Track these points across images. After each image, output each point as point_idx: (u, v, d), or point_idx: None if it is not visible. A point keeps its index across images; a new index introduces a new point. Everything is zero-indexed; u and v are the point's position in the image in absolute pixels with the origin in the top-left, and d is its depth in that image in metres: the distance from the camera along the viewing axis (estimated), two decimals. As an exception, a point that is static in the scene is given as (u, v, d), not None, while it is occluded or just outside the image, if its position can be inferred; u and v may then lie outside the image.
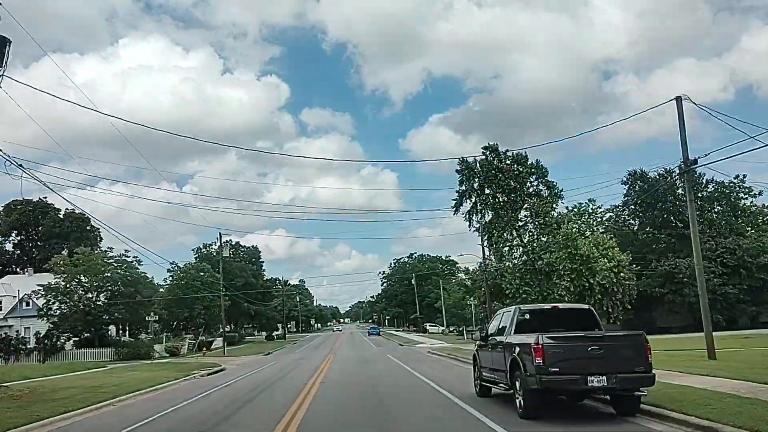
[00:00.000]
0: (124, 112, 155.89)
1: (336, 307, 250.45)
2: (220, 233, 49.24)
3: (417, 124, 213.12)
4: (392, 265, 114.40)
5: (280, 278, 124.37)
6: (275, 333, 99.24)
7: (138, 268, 50.28)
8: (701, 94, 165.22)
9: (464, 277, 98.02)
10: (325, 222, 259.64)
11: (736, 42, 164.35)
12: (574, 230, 48.35)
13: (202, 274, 60.64)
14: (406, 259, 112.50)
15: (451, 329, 75.41)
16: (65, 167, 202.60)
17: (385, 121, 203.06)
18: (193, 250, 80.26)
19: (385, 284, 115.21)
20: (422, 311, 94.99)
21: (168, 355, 51.22)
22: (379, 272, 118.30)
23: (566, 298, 45.31)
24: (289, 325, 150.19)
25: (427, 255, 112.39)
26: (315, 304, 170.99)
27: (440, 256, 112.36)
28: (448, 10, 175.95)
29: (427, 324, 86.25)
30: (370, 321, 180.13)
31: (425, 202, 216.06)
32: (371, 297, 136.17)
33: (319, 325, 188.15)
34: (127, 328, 67.59)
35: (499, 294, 52.12)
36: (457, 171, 54.25)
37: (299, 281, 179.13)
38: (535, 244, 49.51)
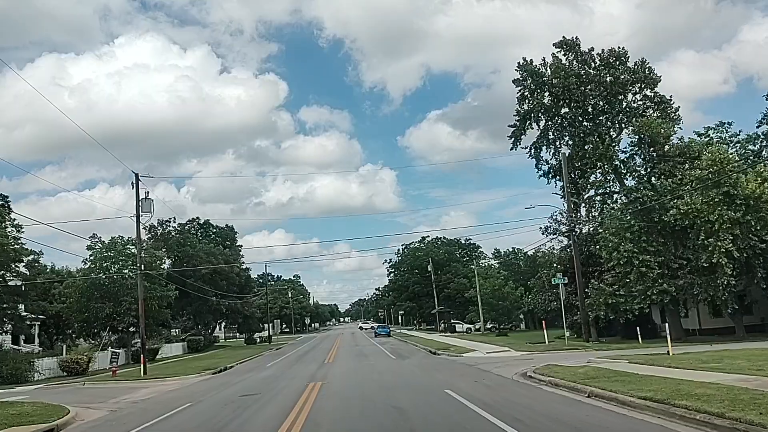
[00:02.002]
0: (121, 112, 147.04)
1: (335, 305, 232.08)
2: (136, 175, 29.70)
3: (415, 121, 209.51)
4: (400, 251, 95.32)
5: (268, 271, 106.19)
6: (259, 335, 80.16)
7: (7, 236, 31.10)
8: (702, 86, 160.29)
9: (492, 262, 79.36)
10: (325, 221, 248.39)
11: (736, 33, 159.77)
12: (729, 155, 29.23)
13: (133, 250, 41.49)
14: (418, 245, 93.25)
15: (488, 327, 56.17)
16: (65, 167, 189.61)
17: (384, 117, 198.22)
18: (145, 228, 61.03)
19: (392, 274, 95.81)
20: (440, 304, 76.03)
21: (66, 373, 32.24)
22: (385, 260, 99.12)
23: (727, 269, 26.35)
24: (283, 325, 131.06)
25: (443, 238, 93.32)
26: (311, 301, 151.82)
27: (458, 239, 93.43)
28: (446, 3, 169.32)
29: (452, 320, 66.90)
30: (372, 319, 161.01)
31: (424, 200, 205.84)
32: (376, 289, 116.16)
33: (317, 324, 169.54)
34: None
35: (591, 268, 33.22)
36: (515, 82, 35.06)
37: (293, 276, 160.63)
38: (652, 186, 30.30)
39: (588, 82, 33.51)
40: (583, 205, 34.13)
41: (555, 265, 36.74)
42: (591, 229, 32.41)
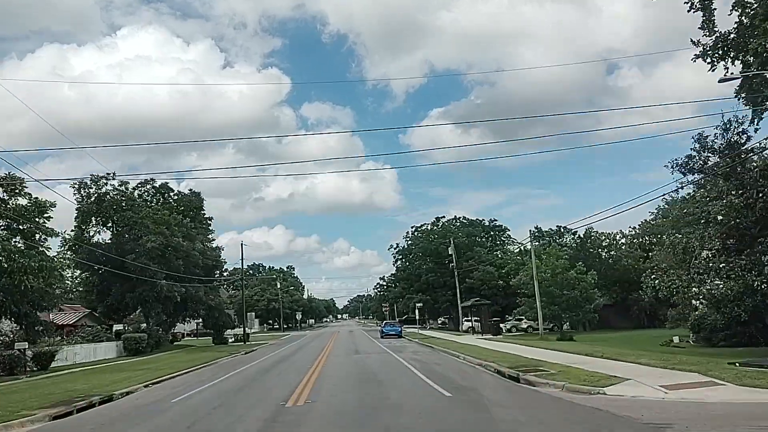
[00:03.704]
0: (121, 105, 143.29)
1: (332, 300, 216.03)
2: None
3: (417, 118, 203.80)
4: (410, 234, 78.99)
5: (260, 263, 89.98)
6: (233, 332, 64.02)
7: None
8: (706, 86, 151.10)
9: (527, 244, 63.06)
10: (324, 218, 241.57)
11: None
12: None
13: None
14: (431, 227, 76.95)
15: (536, 326, 39.74)
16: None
17: (386, 114, 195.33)
18: (73, 185, 44.83)
19: (400, 262, 79.51)
20: (461, 297, 59.94)
21: None
22: (391, 246, 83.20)
23: None
24: (272, 322, 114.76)
25: (463, 218, 77.00)
26: (305, 296, 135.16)
27: (481, 220, 77.03)
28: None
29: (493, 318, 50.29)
30: (372, 316, 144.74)
31: (424, 198, 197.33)
32: (380, 279, 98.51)
33: (312, 321, 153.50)
34: None
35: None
36: None
37: (287, 267, 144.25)
38: None
39: None
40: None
41: (721, 218, 20.46)
42: None
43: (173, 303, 46.73)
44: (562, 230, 57.34)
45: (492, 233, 76.70)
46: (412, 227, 79.61)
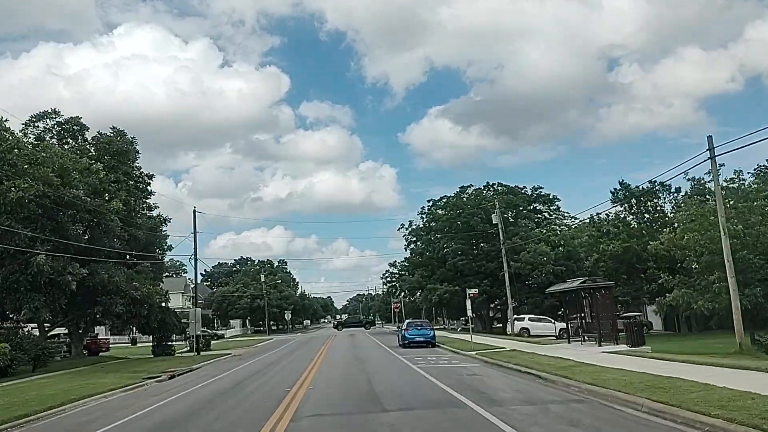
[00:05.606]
0: (118, 103, 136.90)
1: (330, 297, 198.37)
2: None
3: (417, 117, 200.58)
4: (426, 210, 60.67)
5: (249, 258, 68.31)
6: (193, 334, 45.83)
7: None
8: (707, 84, 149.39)
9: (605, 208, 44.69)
10: (323, 217, 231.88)
11: (746, 30, 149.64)
12: None
13: None
14: (455, 200, 58.61)
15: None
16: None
17: (386, 113, 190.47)
18: None
19: (414, 245, 60.97)
20: (511, 285, 42.10)
21: None
22: (402, 225, 64.77)
23: None
24: (261, 323, 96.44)
25: (498, 185, 58.74)
26: (298, 293, 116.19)
27: (522, 187, 58.67)
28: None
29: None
30: (372, 315, 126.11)
31: (423, 197, 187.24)
32: (390, 265, 75.98)
33: (308, 321, 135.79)
34: None
35: None
36: None
37: (279, 261, 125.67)
38: None
39: None
40: None
41: None
42: None
43: (66, 292, 28.66)
44: (657, 188, 39.47)
45: (536, 205, 58.80)
46: (428, 201, 61.49)
